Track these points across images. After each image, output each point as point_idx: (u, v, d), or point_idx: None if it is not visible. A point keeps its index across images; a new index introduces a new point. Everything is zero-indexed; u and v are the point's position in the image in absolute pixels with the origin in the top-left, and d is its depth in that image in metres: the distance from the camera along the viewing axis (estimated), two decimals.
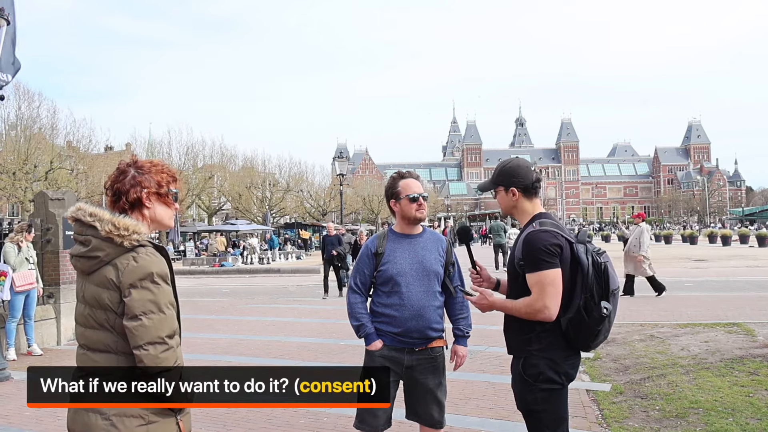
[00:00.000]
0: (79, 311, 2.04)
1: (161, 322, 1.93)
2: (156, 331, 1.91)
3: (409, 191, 3.11)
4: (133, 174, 2.06)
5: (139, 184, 2.04)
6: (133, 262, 1.93)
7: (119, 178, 2.06)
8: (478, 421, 4.73)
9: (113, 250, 1.96)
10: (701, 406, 4.86)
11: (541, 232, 2.44)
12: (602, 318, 2.38)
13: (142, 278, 1.92)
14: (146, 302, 1.91)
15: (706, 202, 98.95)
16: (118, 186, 2.05)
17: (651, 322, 8.84)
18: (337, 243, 13.85)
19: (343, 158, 25.83)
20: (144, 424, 1.95)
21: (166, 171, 2.13)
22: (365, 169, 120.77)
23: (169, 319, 1.96)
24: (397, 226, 3.21)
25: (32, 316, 7.85)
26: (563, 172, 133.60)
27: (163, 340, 1.93)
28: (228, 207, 57.54)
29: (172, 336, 1.96)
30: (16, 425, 4.94)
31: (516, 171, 2.61)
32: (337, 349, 7.67)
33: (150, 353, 1.90)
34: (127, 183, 2.05)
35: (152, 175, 2.07)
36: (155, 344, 1.91)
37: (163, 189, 2.09)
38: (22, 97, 33.67)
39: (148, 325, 1.90)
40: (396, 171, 3.30)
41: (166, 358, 1.93)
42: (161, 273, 1.96)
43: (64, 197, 9.02)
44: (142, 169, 2.08)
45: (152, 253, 1.99)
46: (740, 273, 16.90)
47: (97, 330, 1.98)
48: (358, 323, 3.11)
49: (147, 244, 1.99)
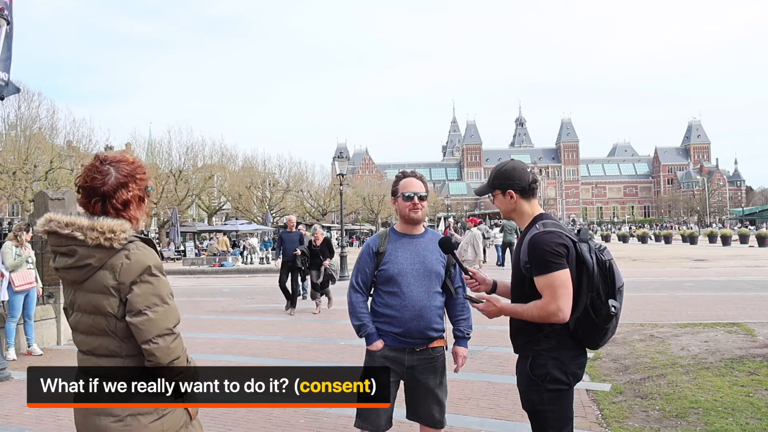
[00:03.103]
0: (76, 319, 1.99)
1: (166, 313, 1.93)
2: (163, 323, 1.91)
3: (406, 189, 3.12)
4: (117, 175, 1.96)
5: (122, 186, 1.97)
6: (127, 260, 1.91)
7: (99, 178, 1.95)
8: (478, 420, 4.73)
9: (104, 254, 1.91)
10: (701, 405, 4.86)
11: (545, 233, 2.42)
12: (611, 316, 2.37)
13: (141, 273, 1.90)
14: (149, 296, 1.90)
15: (706, 202, 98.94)
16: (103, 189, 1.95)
17: (651, 321, 8.85)
18: (298, 241, 11.61)
19: (343, 158, 25.79)
20: (158, 419, 1.95)
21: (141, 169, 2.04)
22: (365, 169, 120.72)
23: (173, 309, 1.96)
24: (399, 225, 3.21)
25: (32, 315, 7.85)
26: (563, 172, 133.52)
27: (171, 330, 1.93)
28: (228, 207, 57.51)
29: (177, 325, 1.97)
30: (17, 425, 4.94)
31: (512, 173, 2.59)
32: (336, 349, 7.67)
33: (160, 345, 1.90)
34: (111, 185, 1.95)
35: (136, 176, 2.00)
36: (164, 336, 1.91)
37: (145, 191, 2.04)
38: (22, 97, 33.65)
39: (154, 318, 1.89)
40: (401, 170, 3.29)
41: (177, 347, 1.94)
42: (157, 265, 1.95)
43: (64, 197, 9.03)
44: (121, 168, 1.98)
45: (142, 246, 1.95)
46: (740, 273, 16.90)
47: (99, 336, 1.95)
48: (359, 323, 3.10)
49: (134, 239, 1.95)
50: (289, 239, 11.65)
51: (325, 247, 11.32)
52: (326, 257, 11.21)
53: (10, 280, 7.52)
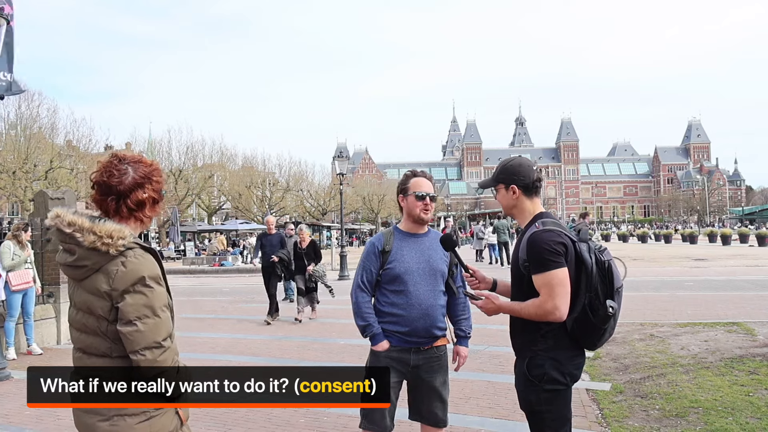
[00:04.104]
0: (72, 315, 2.01)
1: (157, 326, 1.89)
2: (152, 336, 1.88)
3: (418, 189, 3.12)
4: (134, 175, 1.98)
5: (139, 186, 1.98)
6: (123, 268, 1.88)
7: (115, 176, 1.97)
8: (478, 420, 4.73)
9: (100, 258, 1.90)
10: (701, 405, 4.86)
11: (544, 231, 2.42)
12: (608, 317, 2.36)
13: (134, 283, 1.87)
14: (140, 307, 1.87)
15: (706, 202, 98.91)
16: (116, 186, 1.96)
17: (651, 321, 8.85)
18: (278, 245, 10.50)
19: (343, 158, 25.79)
20: (145, 420, 1.93)
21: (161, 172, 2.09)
22: (365, 168, 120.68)
23: (164, 322, 1.92)
24: (403, 224, 3.21)
25: (31, 315, 7.85)
26: (563, 172, 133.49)
27: (159, 344, 1.89)
28: (228, 206, 57.54)
29: (167, 338, 1.92)
30: (16, 424, 4.94)
31: (518, 169, 2.59)
32: (336, 349, 7.67)
33: (147, 358, 1.87)
34: (128, 183, 1.97)
35: (153, 177, 2.02)
36: (152, 349, 1.88)
37: (162, 192, 2.07)
38: (22, 97, 33.66)
39: (143, 330, 1.86)
40: (410, 169, 3.30)
41: (164, 360, 1.90)
42: (153, 275, 1.91)
43: (64, 196, 9.04)
44: (139, 168, 2.00)
45: (141, 255, 1.93)
46: (740, 272, 16.90)
47: (90, 335, 1.95)
48: (364, 323, 3.08)
49: (134, 246, 1.93)
50: (268, 243, 10.58)
51: (311, 250, 10.24)
52: (312, 261, 10.08)
53: (7, 279, 7.51)
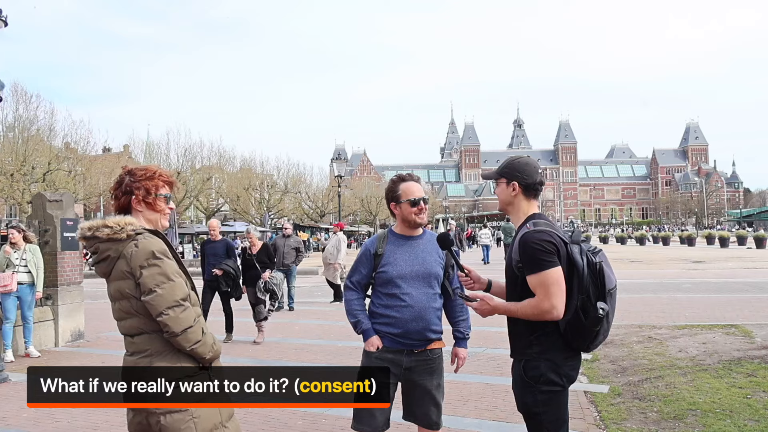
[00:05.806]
0: (113, 309, 2.30)
1: (173, 288, 2.19)
2: (171, 296, 2.17)
3: (410, 195, 3.09)
4: (127, 182, 2.37)
5: (130, 192, 2.35)
6: (135, 248, 2.21)
7: (118, 186, 2.39)
8: (476, 422, 4.73)
9: (118, 245, 2.24)
10: (699, 407, 4.86)
11: (535, 232, 2.43)
12: (599, 319, 2.35)
13: (147, 257, 2.19)
14: (156, 276, 2.18)
15: (704, 204, 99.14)
16: (115, 193, 2.39)
17: (649, 323, 8.86)
18: (223, 254, 8.60)
19: (341, 160, 25.91)
20: (191, 419, 2.16)
21: (157, 177, 2.38)
22: (363, 170, 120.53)
23: (179, 285, 2.21)
24: (398, 227, 3.20)
25: (29, 318, 7.82)
26: (561, 174, 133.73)
27: (178, 302, 2.18)
28: (226, 208, 57.47)
29: (185, 299, 2.21)
30: (15, 427, 4.93)
31: (523, 168, 2.61)
32: (335, 350, 7.67)
33: (171, 316, 2.15)
34: (121, 191, 2.37)
35: (142, 183, 2.35)
36: (173, 307, 2.16)
37: (151, 195, 2.35)
38: (20, 99, 33.69)
39: (162, 293, 2.16)
40: (396, 174, 3.29)
41: (186, 317, 2.18)
42: (160, 250, 2.23)
43: (62, 199, 9.00)
44: (135, 176, 2.37)
45: (149, 236, 2.27)
46: (738, 274, 16.93)
47: (128, 319, 2.25)
48: (355, 320, 3.11)
49: (143, 231, 2.27)
50: (211, 251, 8.67)
51: (263, 255, 8.93)
52: (267, 268, 8.81)
53: None
